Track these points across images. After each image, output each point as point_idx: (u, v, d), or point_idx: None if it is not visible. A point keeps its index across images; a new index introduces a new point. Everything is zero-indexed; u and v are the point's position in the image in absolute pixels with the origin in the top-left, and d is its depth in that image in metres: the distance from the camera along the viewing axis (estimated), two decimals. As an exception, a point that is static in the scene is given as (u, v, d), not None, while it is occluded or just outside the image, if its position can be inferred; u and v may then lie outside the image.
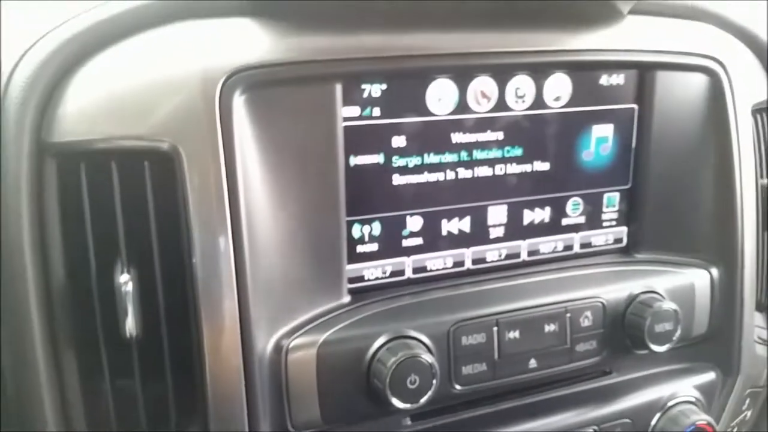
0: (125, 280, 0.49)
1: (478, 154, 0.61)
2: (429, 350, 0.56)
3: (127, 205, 0.50)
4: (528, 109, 0.62)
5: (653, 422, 0.67)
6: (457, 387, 0.58)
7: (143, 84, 0.50)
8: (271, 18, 0.54)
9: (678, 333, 0.63)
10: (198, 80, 0.49)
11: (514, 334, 0.60)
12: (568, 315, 0.61)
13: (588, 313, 0.62)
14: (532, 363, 0.61)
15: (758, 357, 0.74)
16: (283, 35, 0.53)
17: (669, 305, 0.62)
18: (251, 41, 0.52)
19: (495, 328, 0.59)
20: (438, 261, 0.63)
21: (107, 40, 0.52)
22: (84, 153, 0.50)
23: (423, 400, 0.54)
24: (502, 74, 0.60)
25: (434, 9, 0.58)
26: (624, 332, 0.64)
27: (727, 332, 0.70)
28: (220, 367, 0.51)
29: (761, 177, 0.73)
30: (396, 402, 0.54)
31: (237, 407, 0.52)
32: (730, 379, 0.71)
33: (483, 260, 0.65)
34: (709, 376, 0.70)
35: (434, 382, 0.54)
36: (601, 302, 0.63)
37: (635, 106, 0.66)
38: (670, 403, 0.67)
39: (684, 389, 0.69)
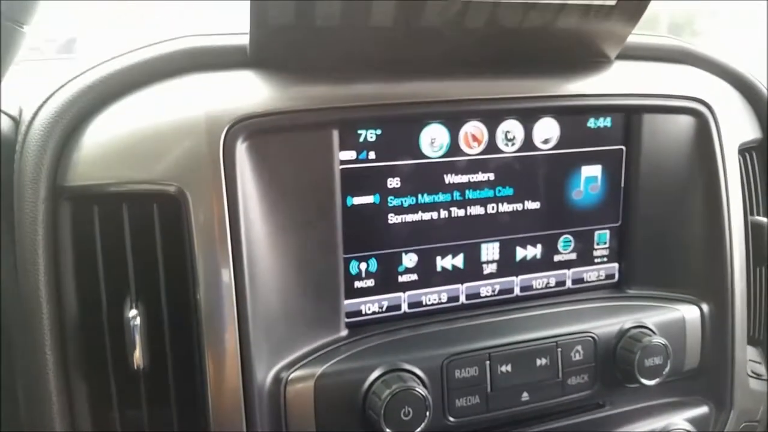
0: (133, 315, 0.53)
1: (470, 194, 0.64)
2: (423, 383, 0.58)
3: (136, 245, 0.54)
4: (518, 151, 0.65)
5: (647, 455, 0.68)
6: (451, 419, 0.60)
7: (153, 132, 0.54)
8: (271, 69, 0.58)
9: (668, 367, 0.65)
10: (203, 129, 0.53)
11: (506, 368, 0.62)
12: (560, 349, 0.63)
13: (579, 348, 0.64)
14: (525, 396, 0.63)
15: (752, 391, 0.75)
16: (282, 85, 0.57)
17: (658, 340, 0.64)
18: (253, 91, 0.56)
19: (487, 362, 0.61)
20: (433, 296, 0.65)
21: (120, 91, 0.56)
22: (97, 196, 0.53)
23: (416, 431, 0.56)
24: (491, 119, 0.63)
25: (426, 58, 0.62)
26: (615, 366, 0.65)
27: (719, 367, 0.71)
28: (222, 398, 0.54)
29: (751, 214, 0.75)
30: None
31: None
32: (724, 413, 0.72)
33: (477, 295, 0.67)
34: (702, 409, 0.71)
35: (427, 414, 0.56)
36: (592, 337, 0.65)
37: (623, 147, 0.69)
38: (663, 436, 0.68)
39: (677, 422, 0.70)
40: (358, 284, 0.62)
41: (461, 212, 0.64)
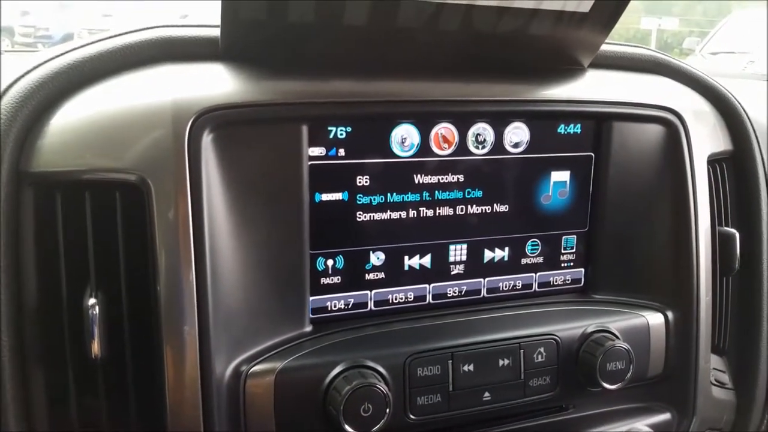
0: (92, 304, 0.52)
1: (439, 195, 0.65)
2: (384, 380, 0.59)
3: (98, 233, 0.54)
4: (488, 154, 0.65)
5: (608, 459, 0.68)
6: (412, 417, 0.61)
7: (119, 120, 0.54)
8: (242, 63, 0.58)
9: (630, 372, 0.65)
10: (169, 119, 0.53)
11: (468, 367, 0.62)
12: (522, 350, 0.64)
13: (542, 350, 0.65)
14: (486, 396, 0.63)
15: (715, 399, 0.76)
16: (252, 79, 0.57)
17: (621, 345, 0.65)
18: (222, 84, 0.56)
19: (450, 361, 0.61)
20: (400, 295, 0.66)
21: (88, 78, 0.56)
22: (60, 183, 0.53)
23: (376, 428, 0.56)
24: (462, 121, 0.64)
25: (399, 59, 0.62)
26: (578, 369, 0.66)
27: (682, 374, 0.71)
28: (180, 390, 0.54)
29: (720, 225, 0.76)
30: (349, 429, 0.56)
31: (195, 430, 0.54)
32: (686, 420, 0.73)
33: (444, 296, 0.67)
34: (665, 416, 0.72)
35: (387, 411, 0.57)
36: (555, 339, 0.65)
37: (592, 154, 0.69)
38: (624, 441, 0.69)
39: (639, 428, 0.70)
40: (324, 281, 0.63)
41: (430, 212, 0.65)
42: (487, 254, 0.68)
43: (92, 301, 0.53)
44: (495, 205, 0.67)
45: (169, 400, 0.53)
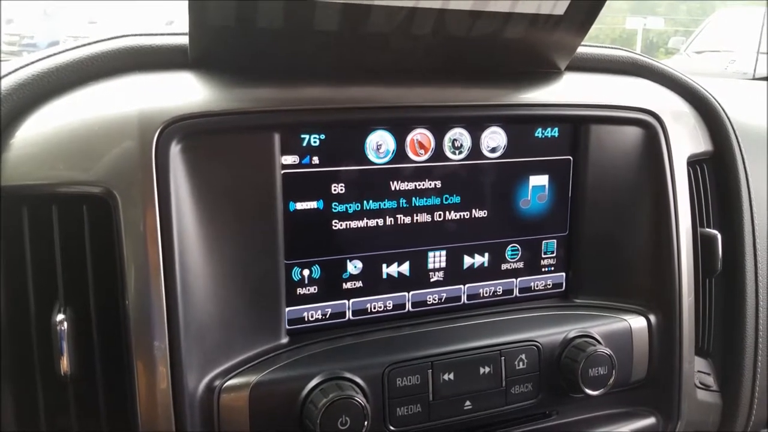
0: (61, 320, 0.51)
1: (417, 202, 0.64)
2: (363, 391, 0.58)
3: (66, 247, 0.52)
4: (465, 159, 0.64)
5: (593, 464, 0.68)
6: (392, 428, 0.59)
7: (85, 132, 0.53)
8: (211, 70, 0.57)
9: (613, 377, 0.64)
10: (135, 129, 0.52)
11: (448, 376, 0.61)
12: (503, 358, 0.63)
13: (523, 356, 0.64)
14: (467, 405, 0.62)
15: (700, 402, 0.75)
16: (222, 87, 0.56)
17: (603, 350, 0.64)
18: (190, 92, 0.55)
19: (429, 370, 0.60)
20: (378, 304, 0.65)
21: (55, 90, 0.55)
22: (26, 197, 0.52)
23: None
24: (438, 127, 0.63)
25: (373, 64, 0.61)
26: (560, 375, 0.65)
27: (666, 378, 0.71)
28: (152, 407, 0.52)
29: (701, 226, 0.76)
30: None
31: None
32: (671, 424, 0.72)
33: (423, 303, 0.66)
34: (650, 420, 0.71)
35: (366, 423, 0.55)
36: (537, 346, 0.64)
37: (570, 157, 0.69)
38: (609, 447, 0.68)
39: None
40: (300, 291, 0.62)
41: (407, 219, 0.64)
42: (467, 260, 0.67)
43: (61, 316, 0.51)
44: (473, 210, 0.66)
45: (141, 417, 0.52)
